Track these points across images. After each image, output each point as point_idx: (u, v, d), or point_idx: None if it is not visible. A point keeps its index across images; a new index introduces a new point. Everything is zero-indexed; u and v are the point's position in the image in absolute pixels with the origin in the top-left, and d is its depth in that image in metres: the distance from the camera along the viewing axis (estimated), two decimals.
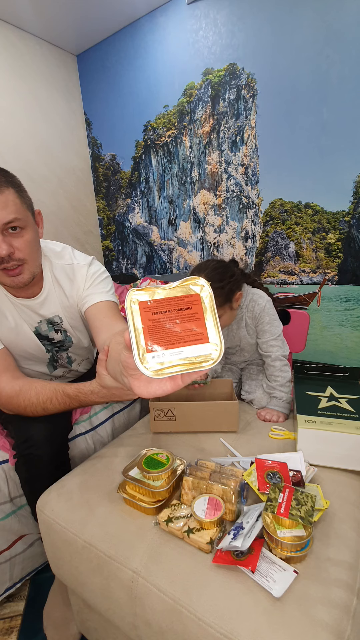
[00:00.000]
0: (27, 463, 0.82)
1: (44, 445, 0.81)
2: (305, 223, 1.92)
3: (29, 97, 2.31)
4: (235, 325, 1.10)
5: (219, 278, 0.98)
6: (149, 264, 2.71)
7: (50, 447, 0.82)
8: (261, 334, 1.09)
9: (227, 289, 0.98)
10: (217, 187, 2.21)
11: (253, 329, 1.10)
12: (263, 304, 1.06)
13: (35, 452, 0.80)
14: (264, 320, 1.06)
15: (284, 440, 0.89)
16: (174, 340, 0.37)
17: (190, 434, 0.93)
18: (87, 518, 0.68)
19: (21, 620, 0.90)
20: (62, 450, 0.87)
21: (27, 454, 0.81)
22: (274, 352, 1.07)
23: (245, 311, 1.08)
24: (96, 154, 2.75)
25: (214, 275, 0.98)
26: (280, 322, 1.09)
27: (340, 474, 0.75)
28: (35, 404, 0.79)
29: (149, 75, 2.28)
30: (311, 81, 1.71)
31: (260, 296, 1.07)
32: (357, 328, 1.89)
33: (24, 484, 0.87)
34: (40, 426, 0.82)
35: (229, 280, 0.99)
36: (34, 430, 0.81)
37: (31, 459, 0.81)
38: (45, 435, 0.81)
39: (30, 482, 0.84)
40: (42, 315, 0.90)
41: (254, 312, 1.07)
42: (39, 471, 0.82)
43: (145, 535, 0.62)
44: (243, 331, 1.10)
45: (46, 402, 0.79)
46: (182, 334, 0.37)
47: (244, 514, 0.63)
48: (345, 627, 0.47)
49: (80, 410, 1.06)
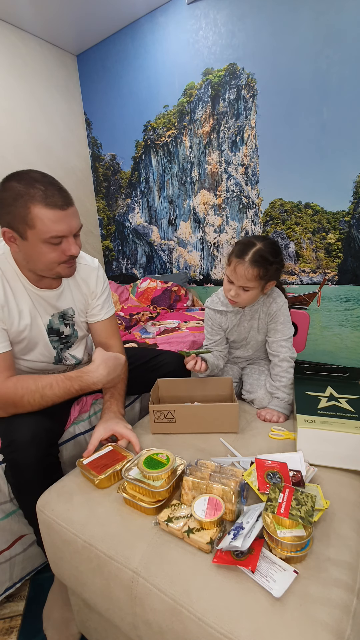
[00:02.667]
0: (13, 468, 0.79)
1: (28, 448, 0.77)
2: (305, 223, 1.92)
3: (29, 97, 2.31)
4: (249, 316, 1.10)
5: (273, 254, 0.96)
6: (149, 263, 2.71)
7: (35, 451, 0.78)
8: (273, 333, 1.09)
9: (273, 268, 0.97)
10: (217, 187, 2.21)
11: (264, 325, 1.10)
12: (281, 304, 1.07)
13: (19, 457, 0.77)
14: (279, 320, 1.07)
15: (284, 440, 0.89)
16: None
17: (191, 434, 0.93)
18: (87, 518, 0.68)
19: (21, 620, 0.90)
20: (49, 453, 0.82)
21: (11, 458, 0.78)
22: (282, 353, 1.07)
23: (262, 305, 1.08)
24: (96, 154, 2.75)
25: (270, 248, 0.96)
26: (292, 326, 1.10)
27: (340, 474, 0.75)
28: (34, 390, 0.79)
29: (149, 75, 2.28)
30: (311, 81, 1.70)
31: (279, 295, 1.08)
32: (357, 328, 1.89)
33: (13, 488, 0.84)
34: (24, 429, 0.78)
35: (279, 261, 0.98)
36: (17, 433, 0.78)
37: (16, 464, 0.78)
38: (29, 438, 0.77)
39: (17, 487, 0.82)
40: (58, 307, 0.95)
41: (270, 309, 1.07)
42: (25, 476, 0.79)
43: (145, 535, 0.62)
44: (255, 323, 1.10)
45: (45, 388, 0.79)
46: None
47: (244, 514, 0.62)
48: (345, 627, 0.47)
49: (79, 410, 1.06)
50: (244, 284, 0.96)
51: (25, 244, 0.78)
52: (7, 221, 0.76)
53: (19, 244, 0.79)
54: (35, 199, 0.72)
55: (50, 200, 0.74)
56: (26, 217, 0.74)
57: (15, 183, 0.74)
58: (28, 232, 0.75)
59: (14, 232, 0.77)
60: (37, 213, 0.73)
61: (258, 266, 0.94)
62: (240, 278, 0.95)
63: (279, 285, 1.12)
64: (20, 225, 0.75)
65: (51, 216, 0.74)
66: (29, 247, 0.78)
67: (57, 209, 0.74)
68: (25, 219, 0.74)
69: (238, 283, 0.97)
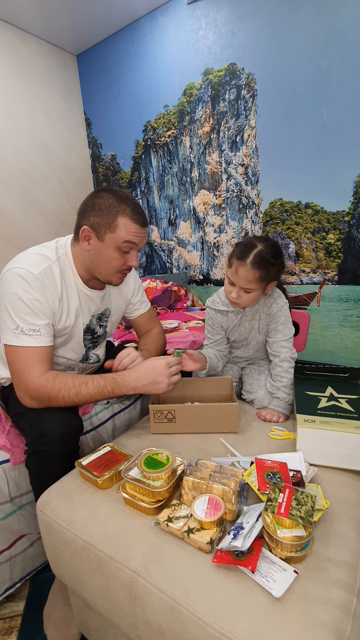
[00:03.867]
0: (40, 460, 0.84)
1: (59, 442, 0.83)
2: (305, 223, 1.92)
3: (30, 97, 2.31)
4: (250, 316, 1.10)
5: (274, 255, 0.95)
6: (149, 264, 2.71)
7: (64, 445, 0.84)
8: (273, 333, 1.09)
9: (274, 269, 0.97)
10: (217, 187, 2.21)
11: (265, 325, 1.10)
12: (282, 304, 1.07)
13: (50, 449, 0.82)
14: (279, 320, 1.07)
15: (284, 440, 0.89)
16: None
17: (191, 434, 0.93)
18: (87, 518, 0.68)
19: (21, 620, 0.90)
20: (73, 449, 0.89)
21: (41, 450, 0.83)
22: (283, 353, 1.07)
23: (263, 305, 1.08)
24: (96, 154, 2.75)
25: (271, 249, 0.95)
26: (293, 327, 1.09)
27: (340, 474, 0.75)
28: (71, 386, 0.85)
29: (149, 75, 2.28)
30: (311, 81, 1.70)
31: (280, 295, 1.08)
32: (357, 328, 1.89)
33: (33, 479, 0.88)
34: (57, 423, 0.84)
35: (280, 263, 0.98)
36: (49, 426, 0.83)
37: (44, 456, 0.83)
38: (60, 432, 0.83)
39: (39, 479, 0.86)
40: (100, 307, 1.04)
41: (271, 309, 1.07)
42: (50, 468, 0.84)
43: (145, 535, 0.62)
44: (255, 323, 1.10)
45: (81, 386, 0.86)
46: None
47: (244, 514, 0.62)
48: (345, 627, 0.47)
49: (82, 411, 1.06)
50: (246, 286, 0.96)
51: (99, 244, 0.89)
52: (93, 222, 0.88)
53: (92, 243, 0.90)
54: (125, 212, 0.87)
55: (135, 217, 0.88)
56: (111, 224, 0.87)
57: (111, 195, 0.88)
58: (107, 235, 0.88)
59: (93, 232, 0.88)
60: (123, 223, 0.87)
61: (260, 268, 0.93)
62: (241, 280, 0.95)
63: (280, 285, 1.12)
64: (103, 228, 0.87)
65: (132, 228, 0.88)
66: (101, 248, 0.89)
67: (138, 225, 0.89)
68: (110, 224, 0.87)
69: (239, 285, 0.97)
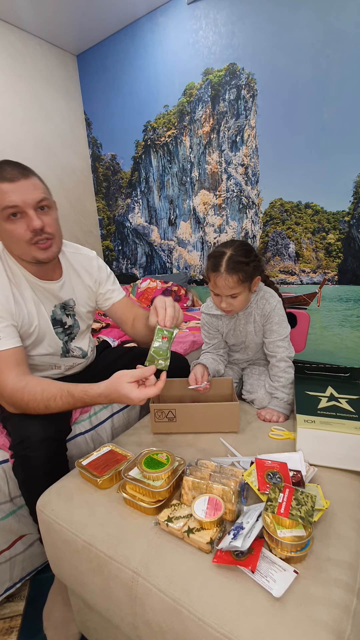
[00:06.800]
0: (23, 464, 0.81)
1: (41, 446, 0.79)
2: (305, 223, 1.92)
3: (29, 97, 2.31)
4: (244, 320, 1.10)
5: (245, 254, 0.97)
6: (149, 263, 2.71)
7: (47, 449, 0.81)
8: (269, 334, 1.09)
9: (251, 267, 0.97)
10: (217, 187, 2.21)
11: (260, 327, 1.10)
12: (274, 304, 1.06)
13: (31, 454, 0.79)
14: (273, 320, 1.06)
15: (284, 440, 0.89)
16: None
17: (191, 434, 0.93)
18: (87, 518, 0.67)
19: (21, 620, 0.90)
20: (59, 452, 0.86)
21: (23, 455, 0.80)
22: (279, 353, 1.07)
23: (255, 307, 1.08)
24: (96, 154, 2.75)
25: (241, 250, 0.97)
26: (289, 324, 1.09)
27: (340, 474, 0.75)
28: (39, 400, 0.79)
29: (149, 75, 2.28)
30: (311, 81, 1.70)
31: (272, 295, 1.08)
32: (357, 328, 1.89)
33: (21, 485, 0.86)
34: (37, 427, 0.81)
35: (253, 258, 0.98)
36: (30, 431, 0.80)
37: (27, 461, 0.80)
38: (42, 437, 0.80)
39: (26, 484, 0.84)
40: (60, 297, 0.98)
41: (264, 310, 1.06)
42: (35, 473, 0.81)
43: (145, 535, 0.62)
44: (250, 327, 1.10)
45: (49, 400, 0.80)
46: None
47: (244, 514, 0.62)
48: (345, 627, 0.47)
49: (80, 410, 1.06)
50: (230, 293, 0.97)
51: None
52: None
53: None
54: None
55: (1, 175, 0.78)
56: None
57: None
58: None
59: None
60: None
61: (236, 272, 0.94)
62: (223, 289, 0.96)
63: (271, 284, 1.12)
64: None
65: (4, 189, 0.78)
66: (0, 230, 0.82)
67: (6, 182, 0.78)
68: None
69: (224, 294, 0.98)
